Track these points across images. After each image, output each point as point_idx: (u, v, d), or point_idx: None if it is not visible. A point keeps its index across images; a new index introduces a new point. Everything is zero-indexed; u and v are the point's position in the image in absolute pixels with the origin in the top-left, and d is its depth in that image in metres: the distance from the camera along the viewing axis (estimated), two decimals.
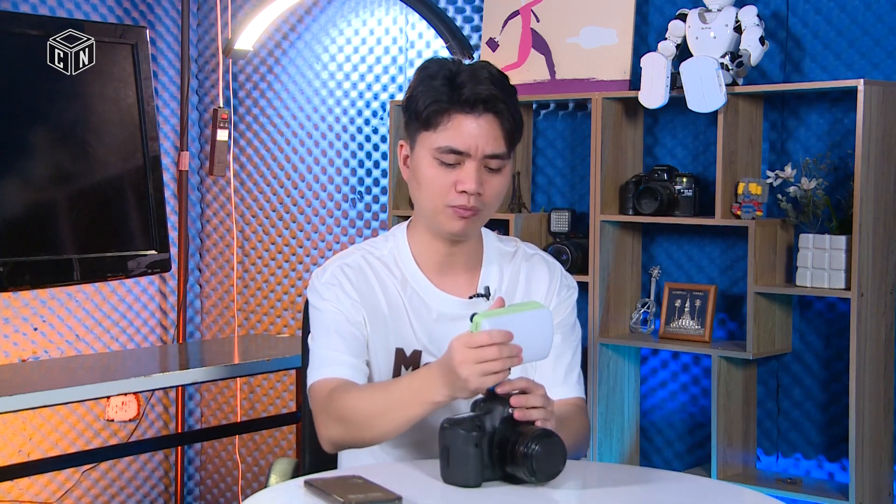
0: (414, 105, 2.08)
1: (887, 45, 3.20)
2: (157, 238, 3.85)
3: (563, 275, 2.24)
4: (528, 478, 1.82)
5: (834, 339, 3.30)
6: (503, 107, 2.04)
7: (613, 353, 3.49)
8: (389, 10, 4.11)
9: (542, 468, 1.81)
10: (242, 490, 4.52)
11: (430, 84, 2.06)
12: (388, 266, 2.17)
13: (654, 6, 3.56)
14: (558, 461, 1.83)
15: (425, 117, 2.06)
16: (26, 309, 4.03)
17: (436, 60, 2.10)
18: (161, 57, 4.41)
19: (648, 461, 3.63)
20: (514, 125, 2.07)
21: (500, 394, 1.87)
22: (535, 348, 1.89)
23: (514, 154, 2.12)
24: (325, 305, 2.13)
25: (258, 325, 4.47)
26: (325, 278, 2.15)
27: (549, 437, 1.82)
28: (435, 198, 2.07)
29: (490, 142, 2.04)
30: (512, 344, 1.85)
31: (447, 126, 2.04)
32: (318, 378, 2.10)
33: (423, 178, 2.08)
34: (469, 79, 2.04)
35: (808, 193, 3.17)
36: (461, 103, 2.03)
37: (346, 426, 2.02)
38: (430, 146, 2.06)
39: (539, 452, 1.80)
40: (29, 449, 4.05)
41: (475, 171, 2.04)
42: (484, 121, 2.04)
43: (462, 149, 2.04)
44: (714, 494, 1.94)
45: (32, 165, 3.59)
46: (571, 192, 3.74)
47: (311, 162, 4.31)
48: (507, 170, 2.09)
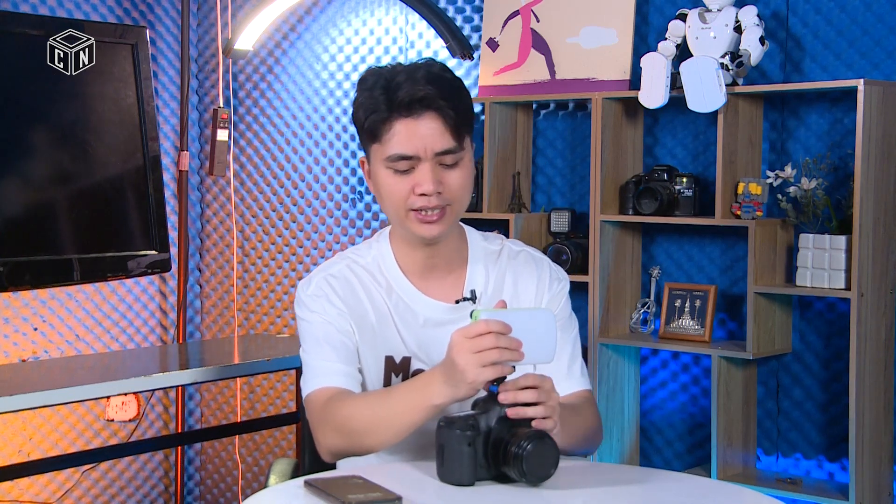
0: (358, 120, 2.07)
1: (887, 45, 3.20)
2: (157, 238, 3.85)
3: (552, 268, 2.22)
4: (520, 478, 1.83)
5: (834, 339, 3.30)
6: (442, 103, 2.01)
7: (613, 353, 3.49)
8: (389, 10, 4.11)
9: (532, 469, 1.81)
10: (242, 490, 4.52)
11: (370, 95, 2.04)
12: (373, 274, 2.16)
13: (654, 6, 3.56)
14: (550, 463, 1.83)
15: (369, 129, 2.05)
16: (26, 309, 4.03)
17: (372, 71, 2.08)
18: (161, 57, 4.41)
19: (648, 461, 3.63)
20: (460, 118, 2.04)
21: (502, 402, 1.87)
22: (537, 349, 1.88)
23: (470, 142, 2.09)
24: (312, 317, 2.13)
25: (258, 325, 4.47)
26: (311, 290, 2.15)
27: (541, 438, 1.82)
28: (398, 206, 2.06)
29: (437, 139, 2.02)
30: (511, 337, 1.84)
31: (391, 134, 2.02)
32: (314, 389, 2.10)
33: (382, 189, 2.07)
34: (405, 80, 2.01)
35: (808, 193, 3.17)
36: (399, 108, 2.01)
37: (346, 436, 2.02)
38: (381, 157, 2.05)
39: (530, 453, 1.80)
40: (29, 449, 4.05)
41: (430, 172, 2.02)
42: (426, 120, 2.02)
43: (410, 153, 2.02)
44: (714, 494, 1.94)
45: (32, 165, 3.59)
46: (571, 192, 3.74)
47: (311, 162, 4.31)
48: (465, 161, 2.07)
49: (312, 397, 2.09)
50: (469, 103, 2.09)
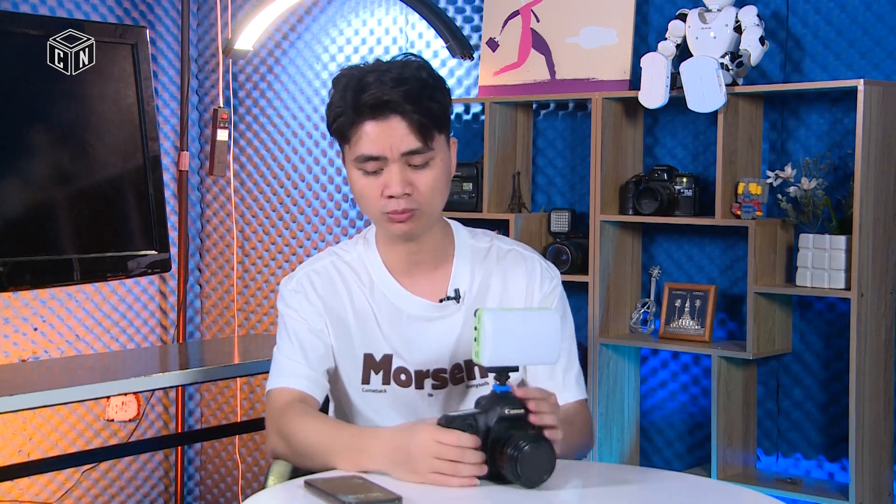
0: (328, 121, 2.07)
1: (887, 45, 3.20)
2: (157, 238, 3.85)
3: (543, 267, 2.19)
4: (515, 480, 1.82)
5: (834, 339, 3.30)
6: (408, 107, 1.99)
7: (613, 353, 3.49)
8: (389, 10, 4.11)
9: (526, 472, 1.80)
10: (242, 490, 4.52)
11: (340, 97, 2.04)
12: (356, 270, 2.16)
13: (654, 6, 3.56)
14: (545, 467, 1.81)
15: (337, 130, 2.05)
16: (26, 309, 4.03)
17: (345, 71, 2.07)
18: (161, 57, 4.41)
19: (648, 461, 3.63)
20: (427, 119, 2.01)
21: (519, 397, 1.85)
22: (540, 350, 1.88)
23: (444, 141, 2.07)
24: (289, 313, 2.16)
25: (258, 325, 4.47)
26: (292, 285, 2.17)
27: (537, 442, 1.81)
28: (370, 207, 2.06)
29: (402, 140, 2.01)
30: (477, 452, 1.82)
31: (359, 135, 2.02)
32: (276, 386, 2.13)
33: (355, 190, 2.08)
34: (374, 81, 2.00)
35: (808, 193, 3.17)
36: (364, 110, 2.00)
37: (290, 448, 2.04)
38: (351, 158, 2.05)
39: (525, 456, 1.80)
40: (29, 449, 4.05)
41: (398, 173, 2.01)
42: (392, 122, 2.00)
43: (376, 154, 2.01)
44: (714, 494, 1.94)
45: (32, 165, 3.59)
46: (571, 192, 3.74)
47: (311, 162, 4.31)
48: (436, 161, 2.04)
49: (273, 395, 2.12)
50: (444, 103, 2.06)
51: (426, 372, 2.13)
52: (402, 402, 2.13)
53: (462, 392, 2.14)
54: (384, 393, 2.13)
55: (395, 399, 2.13)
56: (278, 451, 2.08)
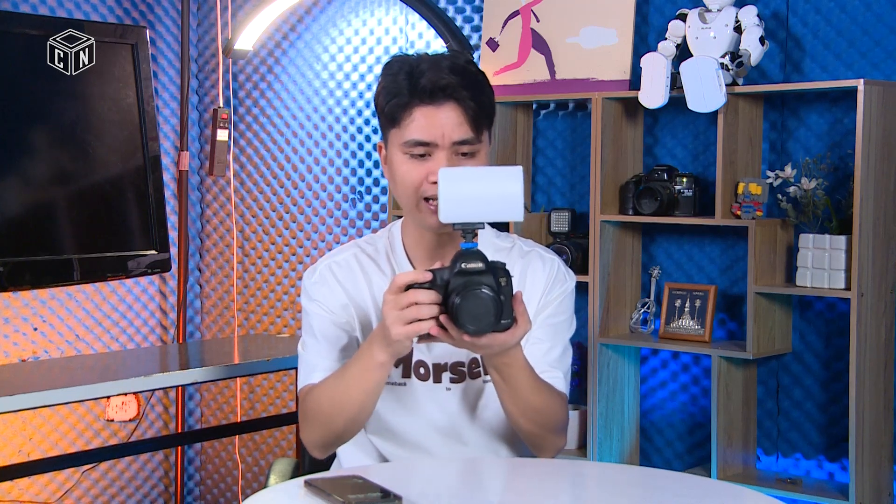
0: (379, 104, 2.08)
1: (887, 45, 3.20)
2: (157, 238, 3.85)
3: (561, 270, 2.22)
4: (461, 329, 1.83)
5: (834, 339, 3.30)
6: (465, 94, 2.03)
7: (613, 353, 3.49)
8: (389, 10, 4.11)
9: (463, 318, 1.81)
10: (242, 490, 4.52)
11: (393, 80, 2.06)
12: (379, 263, 2.17)
13: (654, 6, 3.56)
14: (484, 315, 1.82)
15: (388, 113, 2.06)
16: (26, 309, 4.03)
17: (398, 58, 2.09)
18: (161, 57, 4.41)
19: (648, 461, 3.63)
20: (480, 110, 2.05)
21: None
22: (498, 208, 1.86)
23: (489, 136, 2.11)
24: (312, 308, 2.16)
25: (258, 325, 4.47)
26: (315, 278, 2.18)
27: (476, 288, 1.81)
28: (410, 193, 2.07)
29: (455, 129, 2.03)
30: (431, 292, 1.84)
31: (411, 119, 2.04)
32: (305, 384, 2.14)
33: (397, 175, 2.08)
34: (429, 68, 2.03)
35: (808, 193, 3.17)
36: (421, 94, 2.02)
37: (321, 425, 2.05)
38: (399, 142, 2.06)
39: (465, 301, 1.81)
40: (29, 449, 4.05)
41: (446, 160, 2.03)
42: (446, 109, 2.03)
43: (428, 139, 2.03)
44: (714, 494, 1.94)
45: (32, 165, 3.59)
46: (571, 192, 3.74)
47: (311, 162, 4.31)
48: (482, 153, 2.08)
49: (304, 394, 2.13)
50: (491, 98, 2.10)
51: (444, 365, 2.13)
52: (421, 396, 2.13)
53: (479, 387, 2.14)
54: (404, 386, 2.14)
55: (414, 393, 2.14)
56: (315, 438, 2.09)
